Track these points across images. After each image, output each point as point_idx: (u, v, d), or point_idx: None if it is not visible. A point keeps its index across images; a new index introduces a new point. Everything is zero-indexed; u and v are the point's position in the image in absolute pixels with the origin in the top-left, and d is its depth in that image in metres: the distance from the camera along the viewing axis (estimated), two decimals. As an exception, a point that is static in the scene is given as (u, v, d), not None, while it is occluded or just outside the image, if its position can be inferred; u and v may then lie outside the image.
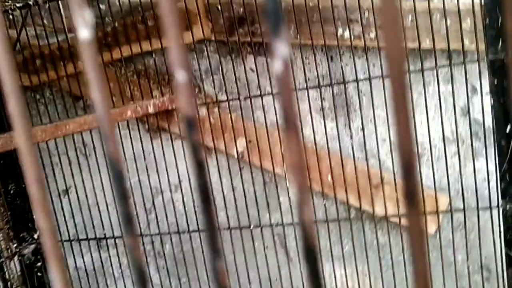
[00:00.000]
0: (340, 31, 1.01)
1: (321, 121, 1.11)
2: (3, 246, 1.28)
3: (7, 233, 1.29)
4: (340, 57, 1.05)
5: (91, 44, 0.18)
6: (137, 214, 1.23)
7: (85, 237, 1.28)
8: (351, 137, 1.05)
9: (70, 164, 1.25)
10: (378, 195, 1.06)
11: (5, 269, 1.29)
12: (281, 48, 0.17)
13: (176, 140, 1.19)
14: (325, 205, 1.09)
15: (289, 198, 1.12)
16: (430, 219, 1.06)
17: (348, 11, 0.99)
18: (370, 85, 0.99)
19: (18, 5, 1.17)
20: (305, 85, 1.06)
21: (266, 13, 0.17)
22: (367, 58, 1.00)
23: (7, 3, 1.17)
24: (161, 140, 1.20)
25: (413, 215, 0.17)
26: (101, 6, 1.19)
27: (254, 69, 1.14)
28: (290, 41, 1.05)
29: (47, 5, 1.18)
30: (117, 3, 1.13)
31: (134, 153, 1.19)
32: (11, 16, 1.22)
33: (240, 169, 1.14)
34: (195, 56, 1.13)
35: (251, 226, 1.13)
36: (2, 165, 1.26)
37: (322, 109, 1.05)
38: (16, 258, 1.30)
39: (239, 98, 1.10)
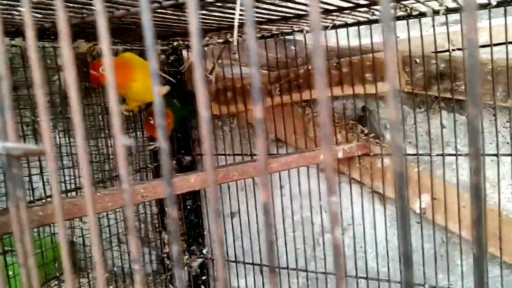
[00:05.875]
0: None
1: (521, 189, 1.04)
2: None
3: (181, 245, 1.42)
4: (559, 127, 0.97)
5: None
6: (304, 249, 1.27)
7: (249, 261, 1.35)
8: (560, 214, 0.96)
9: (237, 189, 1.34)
10: None
11: (175, 278, 1.41)
12: None
13: (353, 185, 1.21)
14: (515, 279, 1.02)
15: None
16: None
17: None
18: None
19: (219, 40, 1.29)
20: (509, 150, 1.01)
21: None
22: None
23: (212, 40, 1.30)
24: (339, 182, 1.22)
25: None
26: (295, 47, 1.25)
27: (446, 126, 1.11)
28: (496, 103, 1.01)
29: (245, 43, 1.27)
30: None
31: (309, 191, 1.23)
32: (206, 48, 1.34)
33: (421, 225, 1.11)
34: (383, 105, 1.14)
35: (426, 285, 1.10)
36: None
37: (528, 178, 0.99)
38: (185, 269, 1.43)
39: (430, 154, 1.08)
